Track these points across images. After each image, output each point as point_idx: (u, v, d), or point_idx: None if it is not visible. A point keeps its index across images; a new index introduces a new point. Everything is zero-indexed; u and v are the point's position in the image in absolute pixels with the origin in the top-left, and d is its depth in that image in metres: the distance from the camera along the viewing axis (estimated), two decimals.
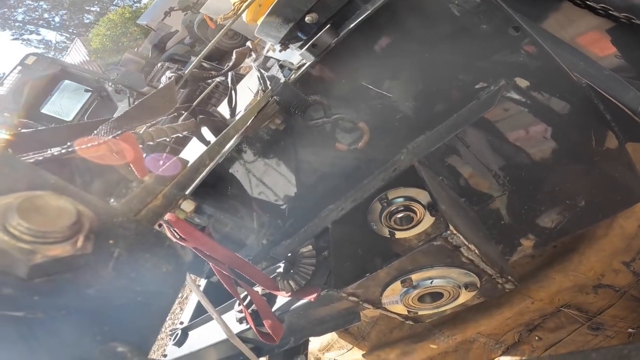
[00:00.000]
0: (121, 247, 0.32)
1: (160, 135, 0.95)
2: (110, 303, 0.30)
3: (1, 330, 0.26)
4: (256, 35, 0.97)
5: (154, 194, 0.51)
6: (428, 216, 1.01)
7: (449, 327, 1.72)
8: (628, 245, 1.29)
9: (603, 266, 1.35)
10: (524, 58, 0.85)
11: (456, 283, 0.87)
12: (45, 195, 0.29)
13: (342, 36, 0.89)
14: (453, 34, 0.87)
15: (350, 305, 0.97)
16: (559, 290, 1.47)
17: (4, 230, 0.26)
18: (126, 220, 0.33)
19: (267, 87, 0.98)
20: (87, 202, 0.32)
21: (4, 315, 0.26)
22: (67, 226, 0.28)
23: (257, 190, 1.15)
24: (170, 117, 1.21)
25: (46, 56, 7.92)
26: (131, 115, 0.76)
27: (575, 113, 0.88)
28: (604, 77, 0.85)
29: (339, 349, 2.12)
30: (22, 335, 0.26)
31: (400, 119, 0.99)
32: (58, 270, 0.28)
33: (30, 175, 0.32)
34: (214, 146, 0.72)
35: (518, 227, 1.05)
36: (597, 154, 0.90)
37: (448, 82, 0.93)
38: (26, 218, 0.27)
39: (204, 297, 1.32)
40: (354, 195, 1.07)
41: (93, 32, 16.99)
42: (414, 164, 0.98)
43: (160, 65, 6.38)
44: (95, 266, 0.30)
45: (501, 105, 0.91)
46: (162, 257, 0.34)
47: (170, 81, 1.03)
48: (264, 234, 1.18)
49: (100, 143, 0.65)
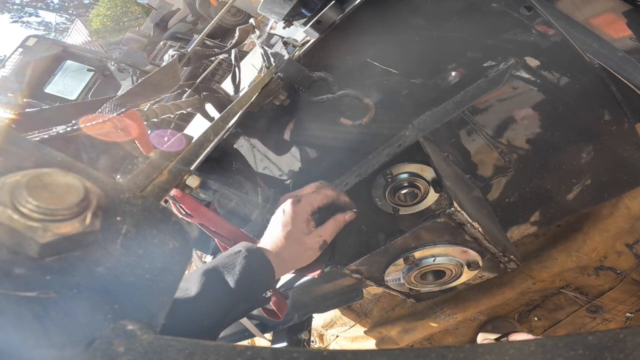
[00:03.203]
0: (128, 224, 0.32)
1: (164, 112, 0.95)
2: (120, 281, 0.30)
3: (16, 311, 0.26)
4: (259, 12, 0.95)
5: (160, 169, 0.51)
6: (432, 193, 1.01)
7: (449, 305, 1.74)
8: (632, 226, 1.29)
9: (606, 247, 1.35)
10: (535, 37, 0.83)
11: (459, 261, 0.88)
12: (52, 172, 0.29)
13: (347, 12, 0.87)
14: (462, 11, 0.85)
15: (353, 283, 0.98)
16: (561, 271, 1.48)
17: (14, 209, 0.26)
18: (132, 196, 0.33)
19: (270, 64, 0.97)
20: (94, 179, 0.32)
21: (18, 296, 0.26)
22: (75, 203, 0.28)
23: (262, 165, 1.15)
24: (174, 94, 1.20)
25: (47, 37, 7.82)
26: (135, 93, 0.76)
27: (585, 93, 0.87)
28: (617, 59, 0.84)
29: (342, 325, 2.16)
30: (36, 316, 0.26)
31: (406, 95, 0.98)
32: (68, 248, 0.28)
33: (37, 153, 0.32)
34: (218, 122, 0.71)
35: (523, 205, 1.05)
36: (606, 133, 0.90)
37: (456, 59, 0.91)
38: (35, 196, 0.27)
39: None
40: (358, 170, 1.07)
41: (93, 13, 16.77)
42: (419, 139, 0.97)
43: (162, 44, 6.29)
44: (104, 243, 0.30)
45: (510, 83, 0.89)
46: (169, 234, 0.34)
47: (173, 59, 1.02)
48: (269, 209, 1.18)
49: (105, 120, 0.65)
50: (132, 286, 0.30)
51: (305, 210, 0.86)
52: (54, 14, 26.88)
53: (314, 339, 2.30)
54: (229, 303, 0.73)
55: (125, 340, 0.26)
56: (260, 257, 0.79)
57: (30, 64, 6.38)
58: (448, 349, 0.23)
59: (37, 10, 26.40)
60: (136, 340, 0.26)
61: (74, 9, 25.66)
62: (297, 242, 0.84)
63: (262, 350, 0.25)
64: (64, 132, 0.59)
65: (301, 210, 0.86)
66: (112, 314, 0.28)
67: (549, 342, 0.22)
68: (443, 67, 0.93)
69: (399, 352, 0.23)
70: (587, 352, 0.21)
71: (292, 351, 0.24)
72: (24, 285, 0.26)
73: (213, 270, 0.75)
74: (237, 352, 0.25)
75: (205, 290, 0.71)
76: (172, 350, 0.25)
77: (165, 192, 0.51)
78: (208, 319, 0.71)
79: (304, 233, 0.85)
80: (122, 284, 0.30)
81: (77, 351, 0.26)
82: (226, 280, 0.73)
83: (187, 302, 0.69)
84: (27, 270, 0.26)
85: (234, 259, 0.77)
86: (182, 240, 0.34)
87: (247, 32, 1.31)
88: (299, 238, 0.84)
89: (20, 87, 6.19)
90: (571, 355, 0.21)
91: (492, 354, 0.22)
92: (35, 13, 26.69)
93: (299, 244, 0.84)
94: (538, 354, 0.22)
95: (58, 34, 25.12)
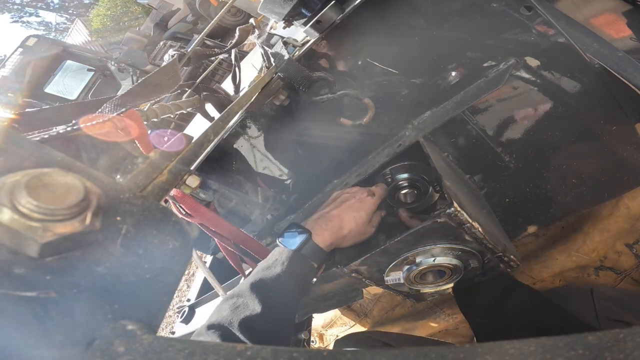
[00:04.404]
0: (128, 224, 0.32)
1: (164, 112, 0.95)
2: (120, 281, 0.30)
3: (16, 311, 0.26)
4: (259, 12, 0.95)
5: (160, 169, 0.51)
6: (432, 193, 1.01)
7: (450, 305, 1.73)
8: (632, 226, 1.29)
9: (606, 247, 1.35)
10: (535, 37, 0.84)
11: (458, 261, 0.88)
12: (52, 172, 0.29)
13: (347, 12, 0.87)
14: (462, 11, 0.85)
15: (354, 283, 0.98)
16: (561, 271, 1.47)
17: (14, 209, 0.26)
18: (133, 196, 0.33)
19: (270, 64, 0.97)
20: (94, 179, 0.32)
21: (18, 296, 0.26)
22: (75, 203, 0.28)
23: (262, 165, 1.15)
24: (174, 94, 1.20)
25: (47, 37, 7.82)
26: (135, 93, 0.76)
27: (585, 93, 0.87)
28: (617, 59, 0.84)
29: (342, 325, 2.15)
30: (36, 316, 0.26)
31: (405, 95, 0.98)
32: (68, 248, 0.28)
33: (37, 153, 0.32)
34: (218, 122, 0.71)
35: (523, 205, 1.05)
36: (606, 133, 0.90)
37: (456, 59, 0.91)
38: (35, 195, 0.27)
39: (210, 274, 1.34)
40: (358, 170, 1.08)
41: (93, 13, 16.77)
42: (419, 139, 0.97)
43: (162, 44, 6.29)
44: (104, 243, 0.30)
45: (510, 83, 0.89)
46: (169, 233, 0.34)
47: (173, 59, 1.02)
48: (269, 209, 1.18)
49: (105, 120, 0.65)
50: (132, 286, 0.30)
51: (376, 203, 0.97)
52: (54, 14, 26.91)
53: (314, 339, 2.30)
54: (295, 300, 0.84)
55: (125, 340, 0.26)
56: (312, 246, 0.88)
57: (31, 64, 6.39)
58: (448, 348, 0.23)
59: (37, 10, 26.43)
60: (136, 340, 0.26)
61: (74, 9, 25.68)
62: (362, 226, 0.93)
63: (262, 350, 0.25)
64: (64, 132, 0.59)
65: (373, 203, 0.96)
66: (112, 314, 0.28)
67: (549, 342, 0.22)
68: (443, 67, 0.93)
69: (399, 352, 0.23)
70: (587, 352, 0.21)
71: (292, 351, 0.24)
72: (24, 285, 0.26)
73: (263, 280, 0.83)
74: (237, 352, 0.25)
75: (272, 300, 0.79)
76: (172, 350, 0.25)
77: (165, 192, 0.51)
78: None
79: (366, 221, 0.94)
80: (122, 284, 0.30)
81: (77, 351, 0.26)
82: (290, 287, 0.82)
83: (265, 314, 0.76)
84: (27, 270, 0.26)
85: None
86: (182, 240, 0.34)
87: (247, 32, 1.31)
88: (364, 223, 0.93)
89: (21, 87, 6.19)
90: (571, 355, 0.21)
91: (492, 354, 0.22)
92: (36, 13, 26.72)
93: (363, 227, 0.94)
94: (538, 354, 0.22)
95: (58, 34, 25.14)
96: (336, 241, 0.90)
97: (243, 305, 0.77)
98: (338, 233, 0.90)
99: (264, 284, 0.80)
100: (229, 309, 0.77)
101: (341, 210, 0.93)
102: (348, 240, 0.93)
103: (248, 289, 0.80)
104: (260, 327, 0.74)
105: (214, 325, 0.75)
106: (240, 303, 0.77)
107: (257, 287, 0.80)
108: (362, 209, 0.93)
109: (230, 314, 0.76)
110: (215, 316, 0.79)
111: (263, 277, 0.82)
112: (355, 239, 0.93)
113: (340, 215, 0.92)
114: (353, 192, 0.98)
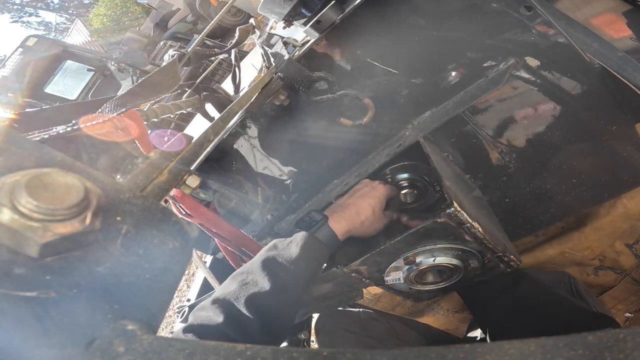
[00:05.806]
0: (128, 224, 0.32)
1: (164, 112, 0.95)
2: (120, 281, 0.30)
3: (16, 311, 0.26)
4: (259, 12, 0.95)
5: (160, 169, 0.51)
6: (432, 193, 1.01)
7: (449, 304, 1.73)
8: (632, 226, 1.29)
9: (602, 246, 1.35)
10: (535, 37, 0.83)
11: (458, 261, 0.88)
12: (52, 172, 0.29)
13: (347, 12, 0.87)
14: (462, 11, 0.85)
15: (354, 283, 0.98)
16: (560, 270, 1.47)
17: (14, 209, 0.26)
18: (133, 196, 0.33)
19: (270, 64, 0.97)
20: (94, 179, 0.32)
21: (18, 296, 0.26)
22: (75, 203, 0.28)
23: (262, 165, 1.15)
24: (174, 94, 1.20)
25: (47, 37, 7.81)
26: (135, 93, 0.76)
27: (585, 93, 0.87)
28: (617, 59, 0.84)
29: None
30: (36, 316, 0.26)
31: (405, 95, 0.98)
32: (68, 248, 0.28)
33: (37, 153, 0.32)
34: (218, 122, 0.71)
35: (523, 205, 1.05)
36: (606, 133, 0.90)
37: (456, 59, 0.91)
38: (35, 196, 0.27)
39: (210, 274, 1.34)
40: (359, 170, 1.08)
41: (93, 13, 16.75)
42: (419, 139, 0.98)
43: (162, 44, 6.28)
44: (104, 243, 0.30)
45: (510, 83, 0.89)
46: (169, 233, 0.34)
47: (173, 59, 1.02)
48: (269, 209, 1.18)
49: (105, 120, 0.65)
50: (132, 286, 0.30)
51: (387, 191, 0.99)
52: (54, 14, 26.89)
53: (314, 339, 2.29)
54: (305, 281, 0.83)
55: (125, 340, 0.26)
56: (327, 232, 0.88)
57: (31, 64, 6.38)
58: (448, 349, 0.23)
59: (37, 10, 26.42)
60: (136, 340, 0.26)
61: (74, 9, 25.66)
62: (378, 213, 0.95)
63: (262, 350, 0.25)
64: (64, 132, 0.59)
65: (385, 190, 0.98)
66: (112, 314, 0.28)
67: (549, 342, 0.22)
68: (443, 67, 0.93)
69: (399, 352, 0.23)
70: (587, 352, 0.21)
71: (292, 351, 0.24)
72: (24, 285, 0.26)
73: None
74: (237, 352, 0.25)
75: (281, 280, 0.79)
76: (172, 350, 0.25)
77: (166, 192, 0.51)
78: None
79: (381, 210, 0.96)
80: (122, 284, 0.30)
81: (77, 351, 0.26)
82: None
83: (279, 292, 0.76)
84: (27, 270, 0.26)
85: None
86: (182, 240, 0.34)
87: (247, 32, 1.31)
88: (380, 210, 0.95)
89: (21, 87, 6.18)
90: (571, 355, 0.21)
91: (492, 354, 0.22)
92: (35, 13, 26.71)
93: (379, 214, 0.95)
94: (538, 354, 0.22)
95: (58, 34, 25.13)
96: (353, 228, 0.91)
97: (252, 282, 0.76)
98: (355, 219, 0.91)
99: (276, 262, 0.80)
100: (238, 284, 0.77)
101: (356, 197, 0.95)
102: (365, 228, 0.93)
103: (259, 266, 0.79)
104: (266, 305, 0.74)
105: (218, 300, 0.75)
106: (250, 280, 0.77)
107: (269, 265, 0.79)
108: (376, 196, 0.95)
109: (238, 289, 0.75)
110: (222, 290, 0.78)
111: (275, 256, 0.81)
112: (371, 227, 0.94)
113: (357, 203, 0.93)
114: (365, 182, 1.01)
